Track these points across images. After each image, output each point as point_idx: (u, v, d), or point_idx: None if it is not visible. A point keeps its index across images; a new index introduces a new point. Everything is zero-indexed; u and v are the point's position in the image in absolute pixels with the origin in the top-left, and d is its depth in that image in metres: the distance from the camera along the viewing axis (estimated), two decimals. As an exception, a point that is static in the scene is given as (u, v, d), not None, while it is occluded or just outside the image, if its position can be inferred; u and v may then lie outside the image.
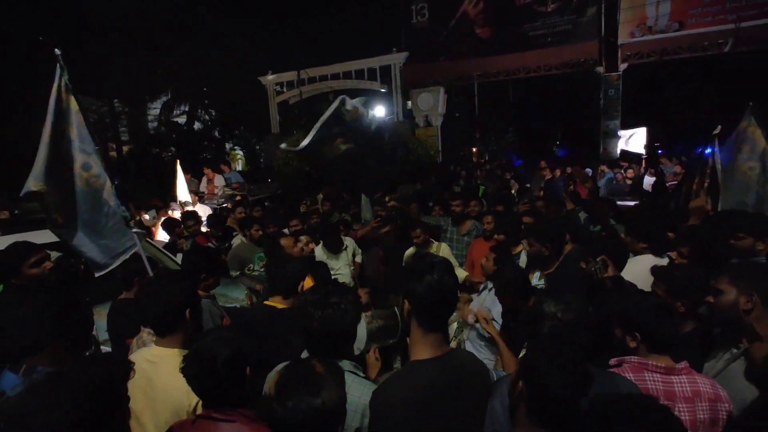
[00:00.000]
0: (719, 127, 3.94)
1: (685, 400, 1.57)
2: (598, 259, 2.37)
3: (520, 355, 1.94)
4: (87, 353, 1.67)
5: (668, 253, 2.76)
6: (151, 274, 2.89)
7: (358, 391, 1.44)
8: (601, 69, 12.66)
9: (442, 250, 4.31)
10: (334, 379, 1.21)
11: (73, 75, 2.85)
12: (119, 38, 14.16)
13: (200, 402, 1.47)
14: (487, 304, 2.89)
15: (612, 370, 1.72)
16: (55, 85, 2.79)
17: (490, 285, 2.97)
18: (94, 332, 2.28)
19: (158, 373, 1.55)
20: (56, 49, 2.80)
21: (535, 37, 13.25)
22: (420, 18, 14.63)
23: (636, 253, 2.92)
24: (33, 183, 2.72)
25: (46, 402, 1.01)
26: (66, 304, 1.46)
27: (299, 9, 16.06)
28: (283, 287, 2.46)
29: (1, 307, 1.40)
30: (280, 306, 2.41)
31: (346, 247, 4.49)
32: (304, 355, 1.64)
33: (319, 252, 4.38)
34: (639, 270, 2.63)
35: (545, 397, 1.16)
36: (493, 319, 2.72)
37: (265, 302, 2.52)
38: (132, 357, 1.66)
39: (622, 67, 12.44)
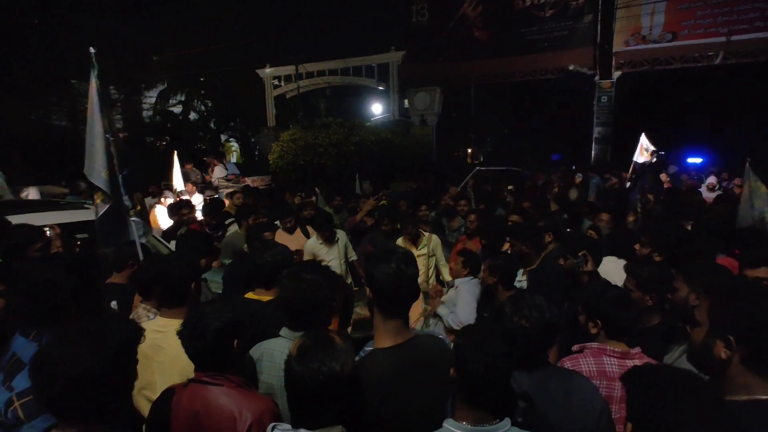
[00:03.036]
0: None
1: (637, 382, 1.73)
2: (579, 254, 2.52)
3: None
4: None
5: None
6: (142, 259, 2.97)
7: None
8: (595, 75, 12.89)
9: (433, 240, 4.45)
10: (349, 349, 1.33)
11: (68, 59, 2.96)
12: (116, 25, 14.10)
13: None
14: (452, 300, 3.05)
15: (575, 355, 1.87)
16: (93, 83, 2.93)
17: (457, 283, 3.14)
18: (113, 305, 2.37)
19: (167, 340, 1.66)
20: (91, 48, 2.92)
21: (532, 42, 13.44)
22: (420, 18, 14.75)
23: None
24: (105, 172, 2.88)
25: (73, 352, 1.13)
26: (83, 278, 1.58)
27: (299, 3, 16.11)
28: (266, 277, 2.22)
29: (25, 273, 1.51)
30: (265, 298, 2.20)
31: (338, 239, 4.61)
32: (285, 332, 1.75)
33: (312, 243, 4.51)
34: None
35: (472, 380, 1.27)
36: (455, 314, 2.90)
37: (246, 295, 2.29)
38: None
39: (616, 74, 12.68)
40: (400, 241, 4.51)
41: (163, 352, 1.65)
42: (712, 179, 9.14)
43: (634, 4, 11.90)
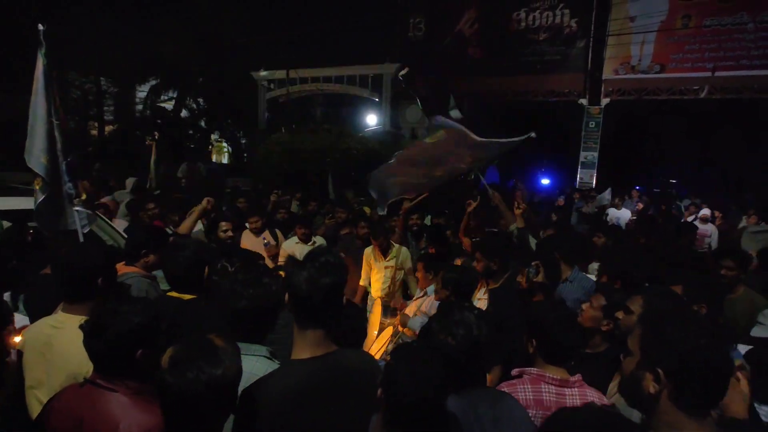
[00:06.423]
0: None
1: (575, 411, 1.64)
2: (532, 264, 2.44)
3: None
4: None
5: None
6: None
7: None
8: (584, 101, 13.07)
9: (403, 253, 4.38)
10: (233, 351, 1.21)
11: (61, 49, 2.81)
12: (111, 17, 13.99)
13: None
14: (425, 308, 2.94)
15: (513, 381, 1.77)
16: (40, 62, 2.78)
17: (429, 292, 3.03)
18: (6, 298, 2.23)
19: (60, 338, 1.54)
20: (39, 25, 2.78)
21: (525, 63, 13.62)
22: (416, 32, 14.89)
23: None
24: (44, 157, 2.72)
25: None
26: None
27: (297, 9, 16.18)
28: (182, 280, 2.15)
29: None
30: (187, 297, 2.14)
31: (314, 242, 4.58)
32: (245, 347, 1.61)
33: (290, 244, 4.49)
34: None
35: (400, 405, 1.15)
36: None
37: (170, 293, 2.21)
38: (37, 322, 1.64)
39: (604, 101, 12.88)
40: (368, 250, 4.44)
41: (53, 350, 1.52)
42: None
43: (624, 32, 12.15)
